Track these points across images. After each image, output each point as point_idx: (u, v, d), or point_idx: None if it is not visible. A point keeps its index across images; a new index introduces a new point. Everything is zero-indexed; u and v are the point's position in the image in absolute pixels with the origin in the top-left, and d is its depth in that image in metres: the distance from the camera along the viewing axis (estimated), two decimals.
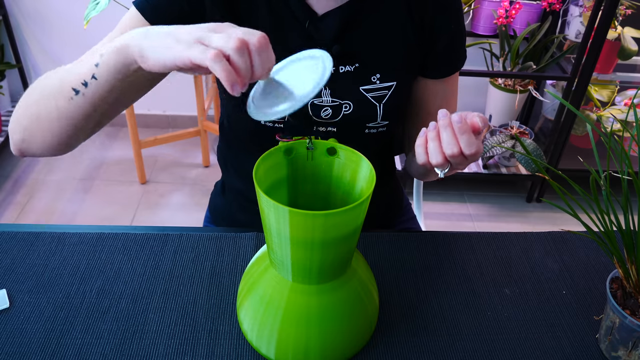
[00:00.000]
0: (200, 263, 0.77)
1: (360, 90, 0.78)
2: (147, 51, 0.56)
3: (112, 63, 0.59)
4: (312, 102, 0.78)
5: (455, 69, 0.85)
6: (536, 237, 0.85)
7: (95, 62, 0.61)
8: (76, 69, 0.64)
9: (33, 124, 0.68)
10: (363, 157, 0.61)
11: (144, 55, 0.56)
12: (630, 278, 0.63)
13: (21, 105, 0.70)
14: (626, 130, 1.95)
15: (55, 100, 0.65)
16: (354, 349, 0.64)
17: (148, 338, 0.66)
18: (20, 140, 0.71)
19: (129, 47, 0.58)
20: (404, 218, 1.08)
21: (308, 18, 0.74)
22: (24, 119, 0.69)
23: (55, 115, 0.66)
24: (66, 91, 0.64)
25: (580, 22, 1.99)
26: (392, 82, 0.79)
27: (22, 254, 0.77)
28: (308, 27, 0.75)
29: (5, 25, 2.23)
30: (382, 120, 0.81)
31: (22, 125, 0.69)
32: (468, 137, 0.62)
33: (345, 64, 0.77)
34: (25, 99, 0.69)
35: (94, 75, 0.61)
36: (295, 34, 0.75)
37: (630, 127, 1.93)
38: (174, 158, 2.37)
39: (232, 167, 0.95)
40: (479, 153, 0.63)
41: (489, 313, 0.72)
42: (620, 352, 0.64)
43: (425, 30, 0.79)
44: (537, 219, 2.15)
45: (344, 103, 0.78)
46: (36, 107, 0.67)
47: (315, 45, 0.75)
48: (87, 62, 0.62)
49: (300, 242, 0.55)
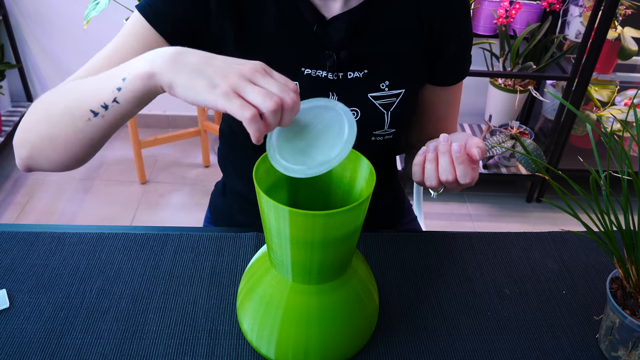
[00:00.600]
0: (200, 263, 0.77)
1: (369, 97, 0.78)
2: (178, 88, 0.54)
3: (137, 88, 0.57)
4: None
5: (461, 77, 0.86)
6: (536, 237, 0.85)
7: (116, 86, 0.58)
8: (92, 89, 0.61)
9: (44, 142, 0.65)
10: (363, 157, 0.61)
11: (173, 89, 0.55)
12: (630, 278, 0.63)
13: (28, 121, 0.66)
14: (626, 130, 1.95)
15: (73, 120, 0.62)
16: (354, 349, 0.64)
17: (148, 338, 0.66)
18: (27, 157, 0.67)
19: (155, 76, 0.56)
20: (405, 220, 1.08)
21: (316, 21, 0.74)
22: (32, 136, 0.66)
23: (72, 135, 0.63)
24: (84, 112, 0.61)
25: (580, 22, 1.99)
26: (400, 89, 0.79)
27: (22, 254, 0.77)
28: (316, 30, 0.74)
29: (5, 25, 2.23)
30: (389, 128, 0.81)
31: (31, 142, 0.66)
32: (464, 168, 0.65)
33: (354, 70, 0.77)
34: (33, 115, 0.66)
35: (116, 99, 0.59)
36: (304, 37, 0.75)
37: (630, 127, 1.93)
38: (174, 158, 2.37)
39: (232, 170, 0.94)
40: (473, 181, 0.66)
41: (489, 313, 0.72)
42: (620, 352, 0.64)
43: (435, 38, 0.79)
44: (537, 219, 2.15)
45: (352, 109, 0.78)
46: (47, 125, 0.64)
47: (323, 48, 0.75)
48: (106, 83, 0.59)
49: (300, 242, 0.55)
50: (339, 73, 0.76)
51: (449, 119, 0.90)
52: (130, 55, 0.70)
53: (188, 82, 0.54)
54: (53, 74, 2.41)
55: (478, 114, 2.40)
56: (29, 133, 0.66)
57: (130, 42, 0.71)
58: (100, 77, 0.61)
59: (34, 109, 0.66)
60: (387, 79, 0.78)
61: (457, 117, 0.92)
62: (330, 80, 0.77)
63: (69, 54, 2.33)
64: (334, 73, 0.76)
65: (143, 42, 0.71)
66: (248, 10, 0.74)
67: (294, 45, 0.75)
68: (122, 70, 0.59)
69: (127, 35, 0.72)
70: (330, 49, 0.75)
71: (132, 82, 0.57)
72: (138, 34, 0.71)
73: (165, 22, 0.71)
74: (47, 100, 0.65)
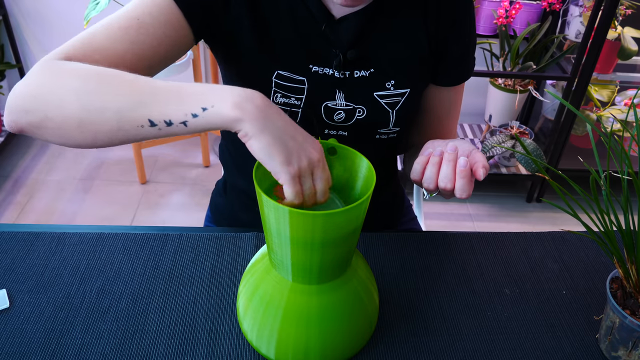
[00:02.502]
0: (200, 263, 0.77)
1: (374, 96, 0.78)
2: (256, 145, 0.54)
3: (213, 123, 0.55)
4: (327, 104, 0.79)
5: (464, 77, 0.86)
6: (536, 237, 0.85)
7: (192, 112, 0.55)
8: (157, 100, 0.56)
9: (70, 123, 0.58)
10: (363, 157, 0.61)
11: (250, 142, 0.55)
12: (630, 278, 0.63)
13: (45, 90, 0.59)
14: (626, 130, 1.95)
15: (119, 119, 0.57)
16: (354, 349, 0.64)
17: (148, 338, 0.66)
18: (32, 125, 0.60)
19: (240, 124, 0.54)
20: (405, 219, 1.08)
21: (325, 20, 0.75)
22: (52, 109, 0.58)
23: (109, 130, 0.58)
24: (138, 118, 0.57)
25: (580, 22, 1.99)
26: (406, 89, 0.79)
27: (22, 254, 0.77)
28: (325, 29, 0.75)
29: (5, 25, 2.23)
30: (394, 126, 0.82)
31: (46, 115, 0.58)
32: (464, 183, 0.66)
33: (361, 69, 0.77)
34: (54, 88, 0.59)
35: (185, 122, 0.56)
36: (312, 35, 0.76)
37: (630, 127, 1.93)
38: (174, 158, 2.37)
39: (234, 166, 0.95)
40: (468, 197, 0.66)
41: (489, 313, 0.72)
42: (620, 352, 0.64)
43: (439, 40, 0.80)
44: (537, 219, 2.15)
45: (357, 107, 0.79)
46: (80, 110, 0.58)
47: (331, 47, 0.76)
48: (177, 101, 0.56)
49: (300, 242, 0.55)
50: (346, 71, 0.77)
51: (450, 121, 0.91)
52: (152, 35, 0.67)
53: (268, 146, 0.54)
54: None
55: (478, 114, 2.40)
56: (46, 105, 0.58)
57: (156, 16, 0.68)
58: (167, 87, 0.57)
59: (55, 78, 0.59)
60: (392, 78, 0.78)
61: (457, 120, 0.92)
62: (336, 78, 0.77)
63: None
64: (341, 71, 0.77)
65: (165, 20, 0.68)
66: (264, 5, 0.74)
67: (303, 41, 0.76)
68: (202, 98, 0.55)
69: (151, 7, 0.67)
70: (338, 48, 0.76)
71: (212, 117, 0.55)
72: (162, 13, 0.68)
73: (193, 6, 0.69)
74: (78, 78, 0.59)
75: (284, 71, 0.76)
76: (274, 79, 0.76)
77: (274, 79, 0.76)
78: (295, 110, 0.78)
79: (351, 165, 0.63)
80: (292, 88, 0.77)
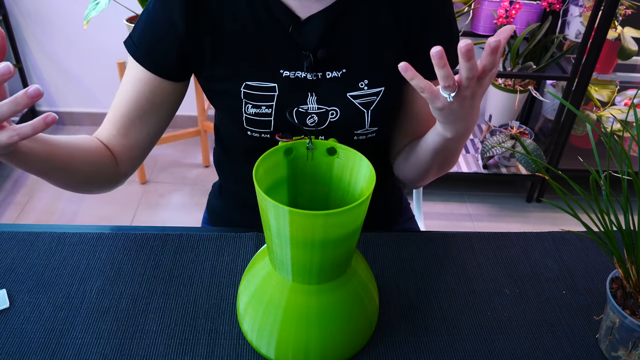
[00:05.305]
0: (200, 263, 0.77)
1: (348, 97, 0.77)
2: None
3: None
4: (297, 109, 0.77)
5: None
6: (536, 237, 0.85)
7: None
8: None
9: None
10: (363, 157, 0.61)
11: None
12: (630, 278, 0.63)
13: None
14: (626, 130, 1.95)
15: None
16: (354, 349, 0.64)
17: (148, 338, 0.66)
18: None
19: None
20: (403, 218, 1.08)
21: (291, 23, 0.74)
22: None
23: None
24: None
25: (580, 22, 1.99)
26: (380, 87, 0.77)
27: (22, 254, 0.77)
28: (292, 31, 0.74)
29: (5, 25, 2.23)
30: (371, 126, 0.80)
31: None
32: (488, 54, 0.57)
33: (332, 70, 0.76)
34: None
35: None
36: (280, 40, 0.75)
37: (630, 127, 1.93)
38: (174, 158, 2.37)
39: (227, 171, 0.94)
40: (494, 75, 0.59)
41: (489, 313, 0.72)
42: (620, 352, 0.64)
43: (414, 33, 0.77)
44: (537, 219, 2.15)
45: (330, 110, 0.77)
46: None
47: (300, 49, 0.75)
48: None
49: (300, 242, 0.55)
50: (318, 73, 0.76)
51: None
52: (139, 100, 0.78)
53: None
54: (53, 74, 2.41)
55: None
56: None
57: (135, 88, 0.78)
58: None
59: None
60: (366, 77, 0.77)
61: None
62: (309, 80, 0.76)
63: (69, 54, 2.33)
64: (313, 73, 0.76)
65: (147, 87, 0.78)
66: (222, 20, 0.74)
67: (271, 48, 0.75)
68: None
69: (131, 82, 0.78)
70: (307, 49, 0.75)
71: None
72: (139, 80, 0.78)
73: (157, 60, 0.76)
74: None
75: (252, 81, 0.76)
76: (242, 90, 0.76)
77: (243, 90, 0.76)
78: (267, 120, 0.77)
79: (351, 165, 0.63)
80: (262, 97, 0.76)
